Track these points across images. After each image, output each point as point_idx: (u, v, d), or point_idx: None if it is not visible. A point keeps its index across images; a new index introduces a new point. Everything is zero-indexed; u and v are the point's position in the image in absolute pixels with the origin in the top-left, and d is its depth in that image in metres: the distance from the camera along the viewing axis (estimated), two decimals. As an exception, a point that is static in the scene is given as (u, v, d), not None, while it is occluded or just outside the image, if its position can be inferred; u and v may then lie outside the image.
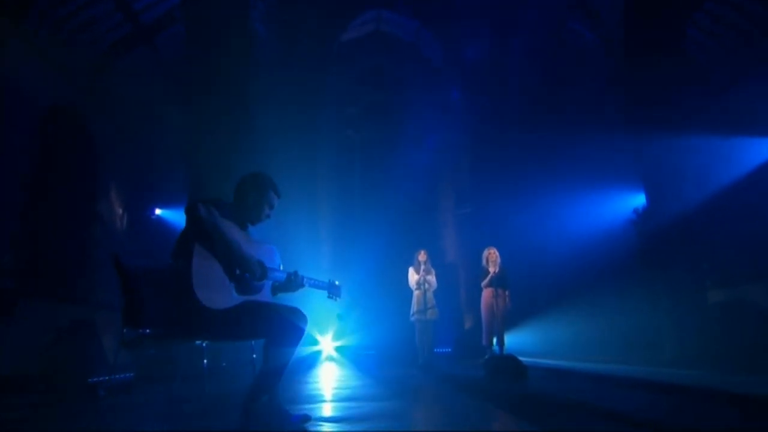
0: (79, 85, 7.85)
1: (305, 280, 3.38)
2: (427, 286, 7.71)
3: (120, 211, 9.18)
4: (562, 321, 9.05)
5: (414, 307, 7.79)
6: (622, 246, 9.15)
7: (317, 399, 4.33)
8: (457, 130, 12.29)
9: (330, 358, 10.08)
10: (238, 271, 2.83)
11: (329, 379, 6.38)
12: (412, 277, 7.86)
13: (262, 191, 3.19)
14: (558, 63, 11.00)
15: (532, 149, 10.65)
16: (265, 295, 3.07)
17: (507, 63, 11.70)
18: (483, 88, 11.78)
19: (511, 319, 8.02)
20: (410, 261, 8.06)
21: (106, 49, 8.45)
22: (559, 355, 8.81)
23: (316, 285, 3.51)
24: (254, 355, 3.02)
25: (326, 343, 10.39)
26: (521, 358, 5.68)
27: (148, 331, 2.81)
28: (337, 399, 4.32)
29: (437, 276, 8.34)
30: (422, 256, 7.84)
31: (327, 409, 3.71)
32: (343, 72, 12.71)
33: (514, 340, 8.95)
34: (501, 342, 7.18)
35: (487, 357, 6.72)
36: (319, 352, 10.25)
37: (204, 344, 2.85)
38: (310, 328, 9.40)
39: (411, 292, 7.90)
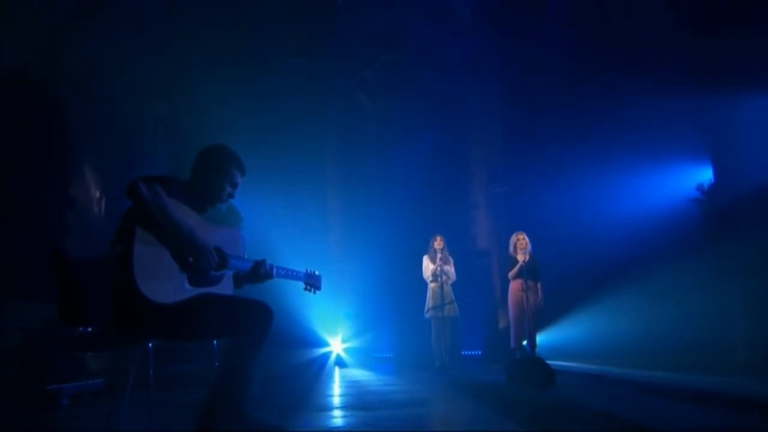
0: (43, 49, 7.96)
1: (275, 269, 3.41)
2: (444, 277, 7.71)
3: (96, 194, 9.34)
4: (606, 318, 8.92)
5: (429, 302, 7.81)
6: (684, 229, 8.95)
7: (306, 407, 4.42)
8: (489, 94, 12.13)
9: (338, 362, 10.17)
10: (191, 259, 2.85)
11: (328, 385, 6.47)
12: (428, 267, 7.90)
13: (221, 168, 3.21)
14: (608, 11, 10.70)
15: (577, 116, 10.45)
16: (225, 288, 3.10)
17: (547, 14, 11.46)
18: (520, 42, 11.57)
19: (544, 315, 7.96)
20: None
21: (74, 8, 8.53)
22: (603, 359, 8.73)
23: (290, 275, 3.54)
24: (217, 363, 3.05)
25: (336, 344, 10.48)
26: (555, 362, 5.65)
27: (89, 330, 2.85)
28: (327, 408, 4.41)
29: (461, 266, 8.35)
30: (438, 243, 7.85)
31: (311, 419, 3.78)
32: (355, 28, 12.59)
33: (547, 340, 8.91)
34: (532, 342, 7.16)
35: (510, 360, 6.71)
36: (327, 355, 10.35)
37: (150, 346, 2.88)
38: (317, 329, 9.47)
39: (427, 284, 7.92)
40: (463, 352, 10.52)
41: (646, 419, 3.52)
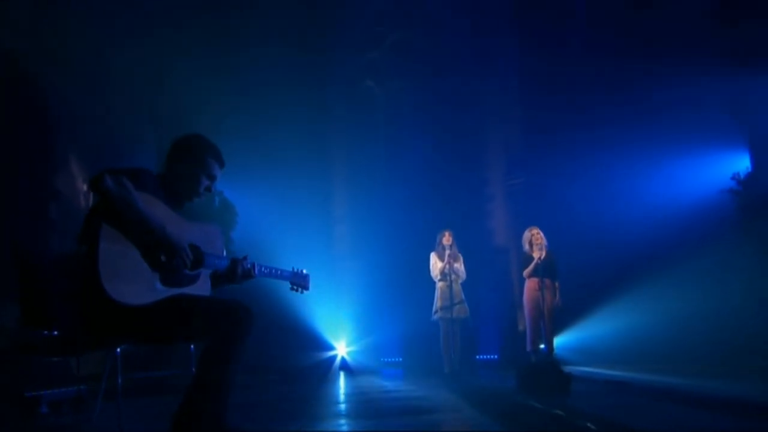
0: (21, 28, 7.99)
1: (257, 268, 3.40)
2: (453, 276, 7.69)
3: (82, 186, 9.39)
4: (630, 318, 8.87)
5: (438, 302, 7.79)
6: (717, 223, 8.87)
7: (308, 414, 4.50)
8: (507, 77, 12.01)
9: (344, 366, 10.20)
10: (163, 258, 2.85)
11: (331, 392, 6.50)
12: (435, 265, 7.88)
13: (197, 158, 3.19)
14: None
15: (603, 102, 10.32)
16: (201, 288, 3.09)
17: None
18: (541, 21, 11.47)
19: (562, 316, 7.93)
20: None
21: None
22: (626, 363, 8.70)
23: (273, 274, 3.53)
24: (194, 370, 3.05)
25: (341, 348, 10.52)
26: (574, 368, 5.63)
27: (55, 333, 2.87)
28: (328, 416, 4.44)
29: (476, 263, 8.32)
30: (447, 239, 7.84)
31: (313, 426, 3.87)
32: (361, 6, 12.53)
33: (566, 342, 8.87)
34: (549, 345, 7.14)
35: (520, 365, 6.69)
36: (332, 359, 10.39)
37: (119, 351, 2.89)
38: (322, 331, 9.47)
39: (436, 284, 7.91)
40: (478, 357, 10.50)
41: (659, 429, 3.50)
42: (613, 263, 9.15)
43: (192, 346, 3.33)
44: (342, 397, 5.99)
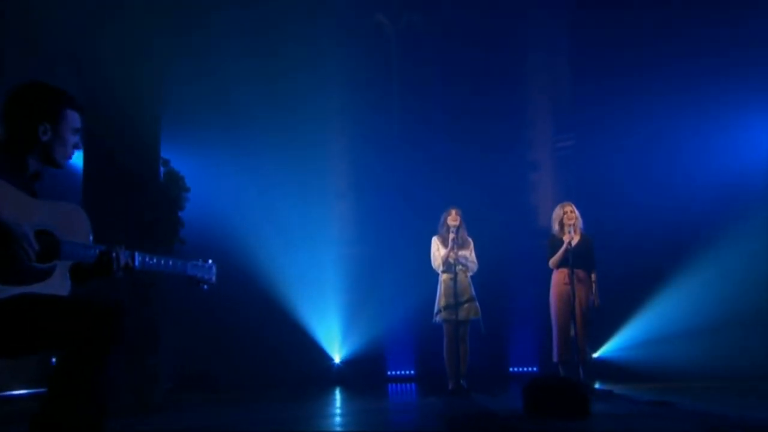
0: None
1: (137, 260, 3.33)
2: (460, 267, 7.60)
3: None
4: (687, 322, 8.79)
5: (440, 300, 7.72)
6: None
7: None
8: (553, 17, 11.82)
9: (340, 380, 10.24)
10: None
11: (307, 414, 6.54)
12: (437, 251, 7.79)
13: (53, 114, 3.11)
14: None
15: (669, 45, 10.17)
16: (56, 285, 3.04)
17: None
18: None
19: (601, 318, 7.82)
20: (476, 227, 8.10)
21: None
22: (678, 378, 8.65)
23: (163, 266, 3.46)
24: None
25: (338, 358, 10.56)
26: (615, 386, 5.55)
27: None
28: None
29: (513, 249, 8.24)
30: (453, 218, 7.75)
31: None
32: None
33: (609, 352, 8.79)
34: (581, 356, 7.04)
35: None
36: (326, 371, 10.43)
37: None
38: (315, 335, 9.47)
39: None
40: (511, 369, 10.43)
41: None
42: (673, 251, 9.06)
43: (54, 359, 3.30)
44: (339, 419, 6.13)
